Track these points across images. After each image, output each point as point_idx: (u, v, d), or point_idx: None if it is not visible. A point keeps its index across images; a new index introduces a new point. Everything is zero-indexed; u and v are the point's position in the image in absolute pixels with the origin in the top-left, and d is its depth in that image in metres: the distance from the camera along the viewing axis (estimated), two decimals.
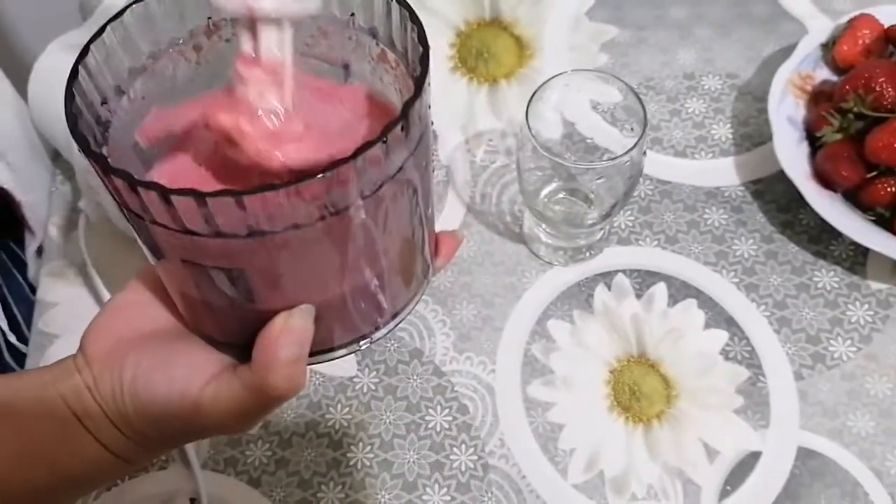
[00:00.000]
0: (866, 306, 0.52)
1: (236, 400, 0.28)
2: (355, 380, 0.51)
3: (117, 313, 0.31)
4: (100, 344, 0.30)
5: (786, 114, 0.55)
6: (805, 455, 0.47)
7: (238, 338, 0.29)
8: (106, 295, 0.52)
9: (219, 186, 0.29)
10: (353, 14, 0.30)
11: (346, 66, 0.32)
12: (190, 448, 0.49)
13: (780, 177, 0.55)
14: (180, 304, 0.31)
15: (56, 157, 0.60)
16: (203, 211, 0.23)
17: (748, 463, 0.47)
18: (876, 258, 0.53)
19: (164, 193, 0.23)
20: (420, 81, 0.26)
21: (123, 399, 0.29)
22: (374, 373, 0.51)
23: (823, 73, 0.57)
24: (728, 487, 0.47)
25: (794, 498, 0.46)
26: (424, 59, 0.27)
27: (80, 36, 0.56)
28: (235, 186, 0.24)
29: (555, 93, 0.48)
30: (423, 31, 0.28)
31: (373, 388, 0.51)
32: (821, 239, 0.54)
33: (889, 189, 0.51)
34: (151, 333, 0.31)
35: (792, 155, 0.53)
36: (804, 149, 0.55)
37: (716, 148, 0.58)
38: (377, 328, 0.32)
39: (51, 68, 0.53)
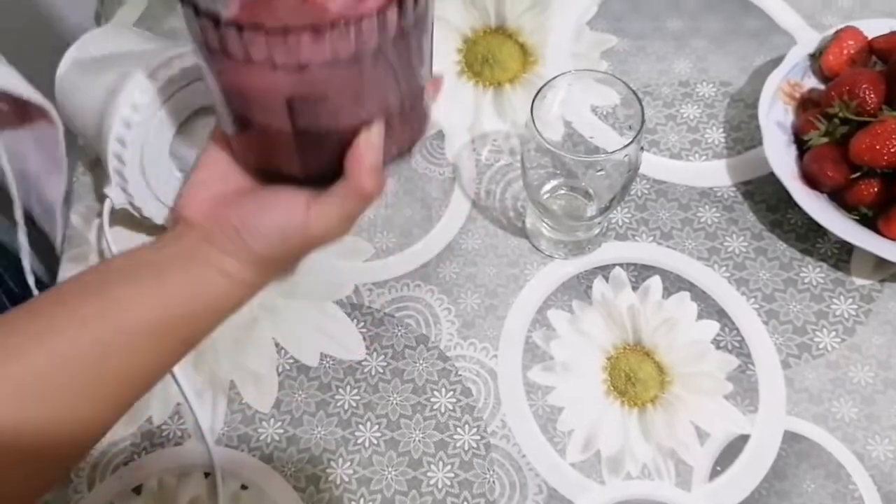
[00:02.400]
0: (850, 300, 0.54)
1: (339, 207, 0.36)
2: (364, 363, 0.54)
3: (204, 182, 0.37)
4: (198, 207, 0.37)
5: (775, 119, 0.58)
6: (791, 438, 0.50)
7: (319, 165, 0.36)
8: None
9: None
10: None
11: None
12: (205, 425, 0.51)
13: (769, 178, 0.58)
14: (262, 155, 0.36)
15: (76, 146, 0.63)
16: (318, 45, 0.29)
17: (737, 445, 0.50)
18: (859, 256, 0.56)
19: (286, 30, 0.28)
20: None
21: (240, 237, 0.35)
22: (382, 357, 0.54)
23: (811, 82, 0.60)
24: (718, 468, 0.49)
25: (780, 478, 0.49)
26: None
27: (108, 33, 0.58)
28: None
29: (559, 92, 0.51)
30: None
31: (381, 371, 0.53)
32: (807, 237, 0.57)
33: (872, 189, 0.54)
34: (238, 191, 0.37)
35: (781, 157, 0.56)
36: (792, 152, 0.58)
37: (709, 151, 0.61)
38: (413, 143, 0.39)
39: (78, 60, 0.55)
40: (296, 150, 0.35)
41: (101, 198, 0.59)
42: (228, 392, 0.53)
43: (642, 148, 0.50)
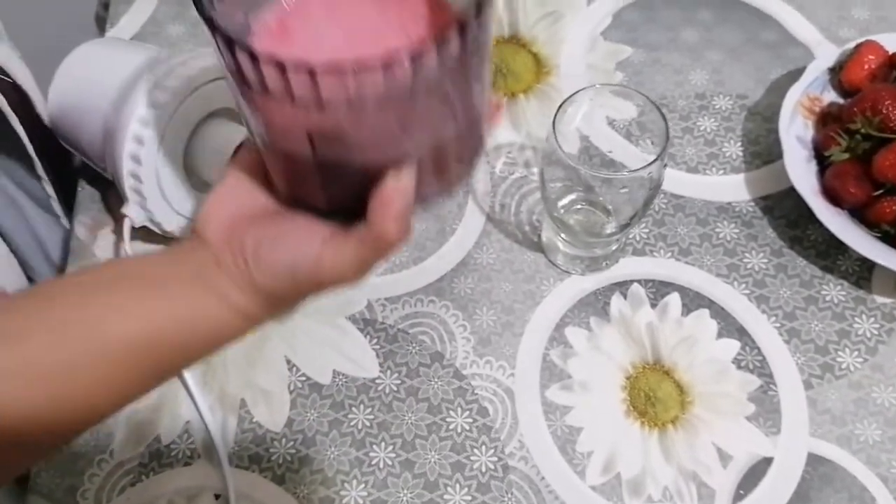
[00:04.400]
0: (872, 319, 0.54)
1: (355, 252, 0.32)
2: (377, 381, 0.52)
3: (224, 199, 0.35)
4: (214, 226, 0.34)
5: (795, 134, 0.57)
6: (815, 461, 0.49)
7: (344, 201, 0.33)
8: None
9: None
10: None
11: None
12: (218, 444, 0.50)
13: (789, 193, 0.57)
14: (286, 180, 0.34)
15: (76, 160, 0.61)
16: (343, 82, 0.26)
17: (760, 468, 0.49)
18: (881, 273, 0.55)
19: (312, 70, 0.26)
20: None
21: (248, 267, 0.33)
22: (396, 374, 0.52)
23: (830, 96, 0.59)
24: (741, 491, 0.48)
25: (804, 502, 0.48)
26: None
27: (100, 45, 0.57)
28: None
29: (581, 106, 0.50)
30: None
31: (395, 389, 0.52)
32: (828, 254, 0.56)
33: (894, 207, 0.53)
34: (259, 212, 0.35)
35: (802, 173, 0.55)
36: (812, 167, 0.57)
37: (727, 165, 0.60)
38: (459, 180, 0.36)
39: (72, 76, 0.54)
40: (319, 182, 0.33)
41: (110, 210, 0.58)
42: (239, 411, 0.51)
43: (665, 165, 0.49)
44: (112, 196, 0.59)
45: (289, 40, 0.33)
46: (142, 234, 0.55)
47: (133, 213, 0.51)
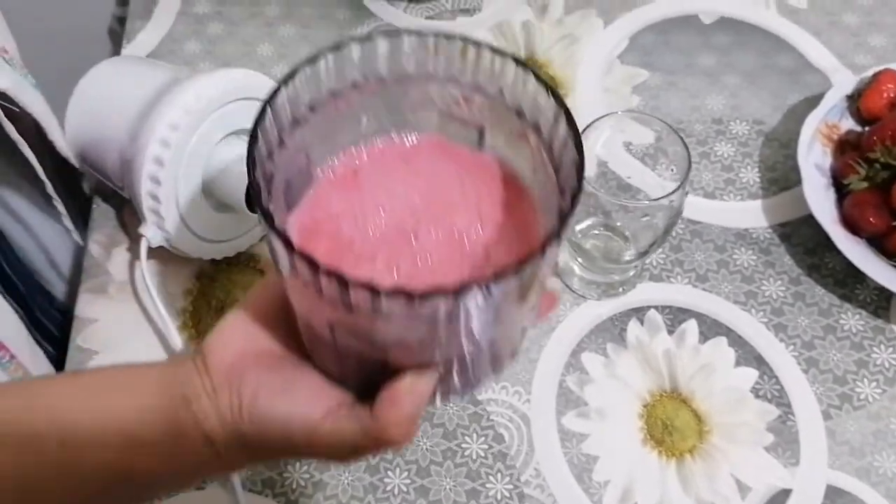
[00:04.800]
0: (891, 349, 0.53)
1: (353, 438, 0.30)
2: None
3: (238, 327, 0.32)
4: (221, 354, 0.31)
5: (813, 161, 0.57)
6: (834, 493, 0.48)
7: (357, 379, 0.31)
8: (165, 315, 0.52)
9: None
10: (501, 90, 0.31)
11: (482, 132, 0.33)
12: None
13: (806, 221, 0.57)
14: (306, 341, 0.32)
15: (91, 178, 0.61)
16: (377, 303, 0.24)
17: (779, 500, 0.48)
18: None
19: (375, 290, 0.24)
20: (575, 195, 0.27)
21: (241, 414, 0.30)
22: None
23: (848, 124, 0.59)
24: None
25: None
26: (580, 172, 0.27)
27: (118, 64, 0.57)
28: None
29: (603, 132, 0.50)
30: (580, 142, 0.28)
31: None
32: (846, 283, 0.56)
33: None
34: (270, 353, 0.32)
35: (820, 200, 0.55)
36: (831, 195, 0.57)
37: (744, 191, 0.60)
38: (480, 385, 0.34)
39: (89, 97, 0.54)
40: (336, 358, 0.31)
41: (125, 227, 0.58)
42: None
43: (687, 192, 0.49)
44: (127, 213, 0.59)
45: (356, 190, 0.32)
46: (157, 253, 0.55)
47: (150, 234, 0.51)
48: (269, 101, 0.28)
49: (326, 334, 0.29)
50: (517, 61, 0.29)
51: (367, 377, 0.30)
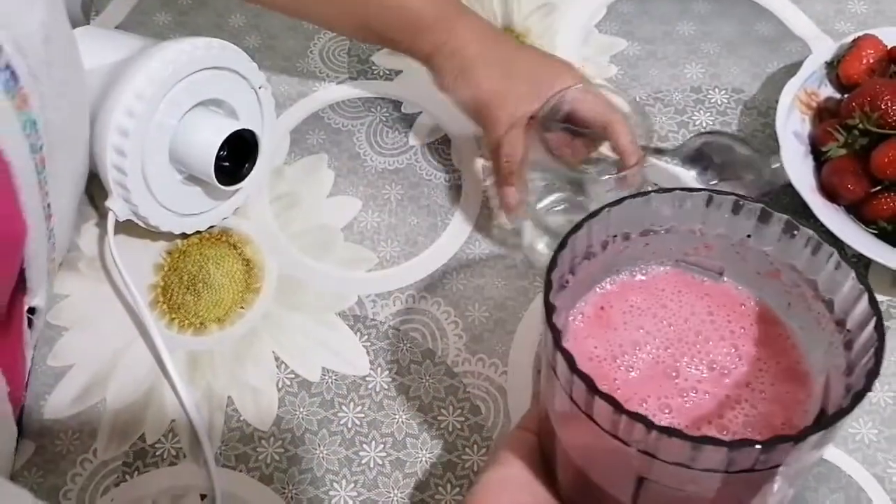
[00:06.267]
0: None
1: None
2: (368, 379, 0.51)
3: (499, 488, 0.31)
4: None
5: (792, 129, 0.57)
6: None
7: None
8: (134, 290, 0.51)
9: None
10: (749, 236, 0.32)
11: (721, 272, 0.35)
12: (204, 443, 0.48)
13: (784, 190, 0.57)
14: (579, 498, 0.31)
15: None
16: (692, 456, 0.25)
17: None
18: (877, 271, 0.54)
19: (688, 438, 0.24)
20: (872, 377, 0.26)
21: None
22: (387, 372, 0.52)
23: (827, 91, 0.59)
24: None
25: (800, 501, 0.47)
26: (879, 354, 0.27)
27: (84, 34, 0.55)
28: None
29: (565, 106, 0.49)
30: (879, 311, 0.28)
31: (385, 387, 0.51)
32: None
33: (892, 204, 0.52)
34: None
35: (798, 168, 0.55)
36: (809, 163, 0.56)
37: None
38: None
39: None
40: None
41: (94, 203, 0.57)
42: (226, 409, 0.50)
43: (647, 164, 0.49)
44: (96, 188, 0.58)
45: (609, 328, 0.33)
46: (127, 228, 0.54)
47: (117, 207, 0.50)
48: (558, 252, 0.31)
49: (621, 492, 0.28)
50: (768, 207, 0.31)
51: None
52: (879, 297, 0.54)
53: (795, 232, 0.30)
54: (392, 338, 0.53)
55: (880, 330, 0.27)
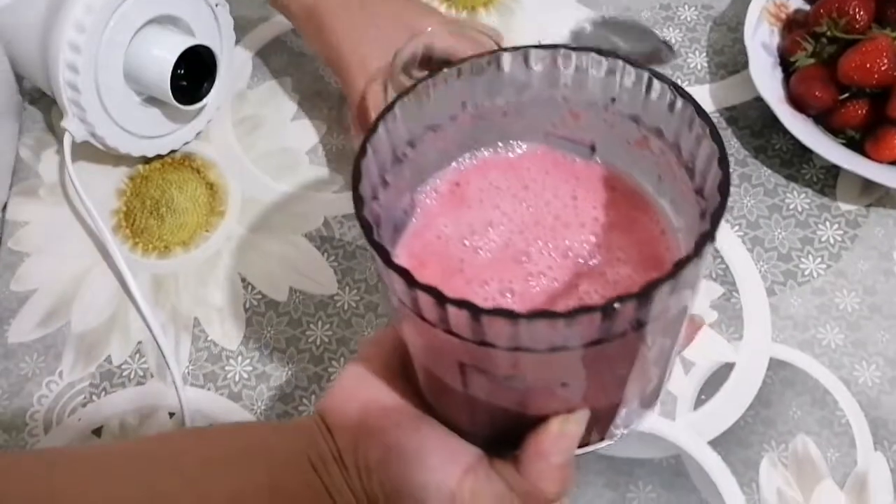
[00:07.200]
0: (836, 226, 0.53)
1: (499, 498, 0.27)
2: (336, 297, 0.51)
3: (359, 383, 0.30)
4: (343, 414, 0.29)
5: (760, 41, 0.56)
6: (777, 365, 0.49)
7: (490, 431, 0.29)
8: (95, 214, 0.50)
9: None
10: (613, 99, 0.29)
11: (593, 147, 0.32)
12: (171, 362, 0.48)
13: (754, 104, 0.56)
14: (430, 392, 0.30)
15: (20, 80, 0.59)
16: (514, 329, 0.22)
17: (722, 373, 0.48)
18: (845, 180, 0.54)
19: (513, 316, 0.21)
20: (718, 213, 0.24)
21: (370, 477, 0.28)
22: (355, 291, 0.51)
23: (797, 2, 0.58)
24: (703, 396, 0.48)
25: (766, 405, 0.47)
26: (724, 165, 0.25)
27: None
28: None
29: (426, 49, 0.48)
30: (717, 134, 0.25)
31: (354, 305, 0.51)
32: (792, 162, 0.55)
33: (860, 111, 0.52)
34: (394, 410, 0.29)
35: (767, 80, 0.54)
36: (778, 74, 0.56)
37: (691, 76, 0.59)
38: (622, 428, 0.31)
39: None
40: (465, 409, 0.28)
41: (53, 129, 0.56)
42: (192, 329, 0.50)
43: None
44: (55, 114, 0.57)
45: (462, 207, 0.31)
46: (87, 154, 0.53)
47: (73, 127, 0.49)
48: (368, 139, 0.26)
49: (454, 381, 0.27)
50: (627, 62, 0.27)
51: (501, 427, 0.28)
52: (848, 207, 0.54)
53: (652, 87, 0.27)
54: (360, 258, 0.52)
55: (724, 189, 0.24)
